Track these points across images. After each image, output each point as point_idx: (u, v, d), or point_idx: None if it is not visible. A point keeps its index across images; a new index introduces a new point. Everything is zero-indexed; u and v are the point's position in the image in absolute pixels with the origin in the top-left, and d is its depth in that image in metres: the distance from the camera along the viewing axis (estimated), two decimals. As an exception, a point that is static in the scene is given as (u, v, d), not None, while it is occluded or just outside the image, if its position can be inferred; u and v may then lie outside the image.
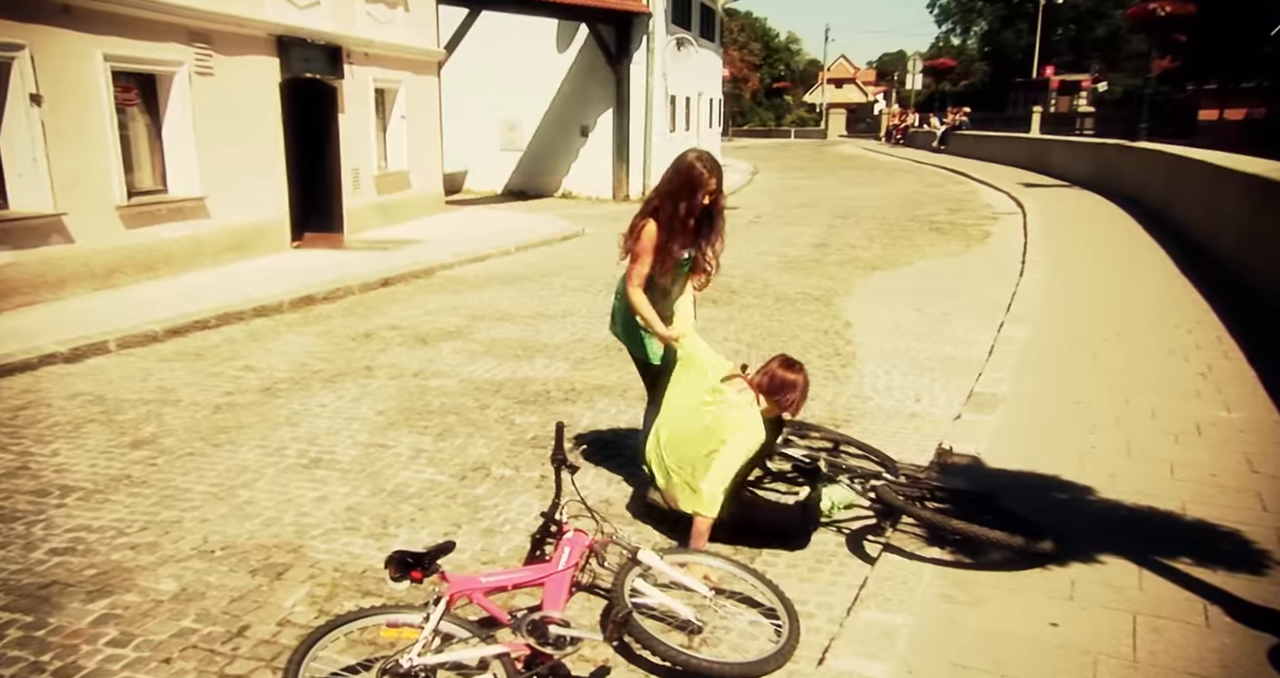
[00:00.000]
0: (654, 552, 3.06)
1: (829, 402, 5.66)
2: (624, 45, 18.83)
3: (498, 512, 4.00)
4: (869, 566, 3.47)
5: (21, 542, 3.60)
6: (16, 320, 7.14)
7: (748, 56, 58.96)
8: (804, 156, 36.36)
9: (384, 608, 2.80)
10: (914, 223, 14.83)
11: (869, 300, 8.80)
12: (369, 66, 12.55)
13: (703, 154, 3.84)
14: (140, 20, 8.54)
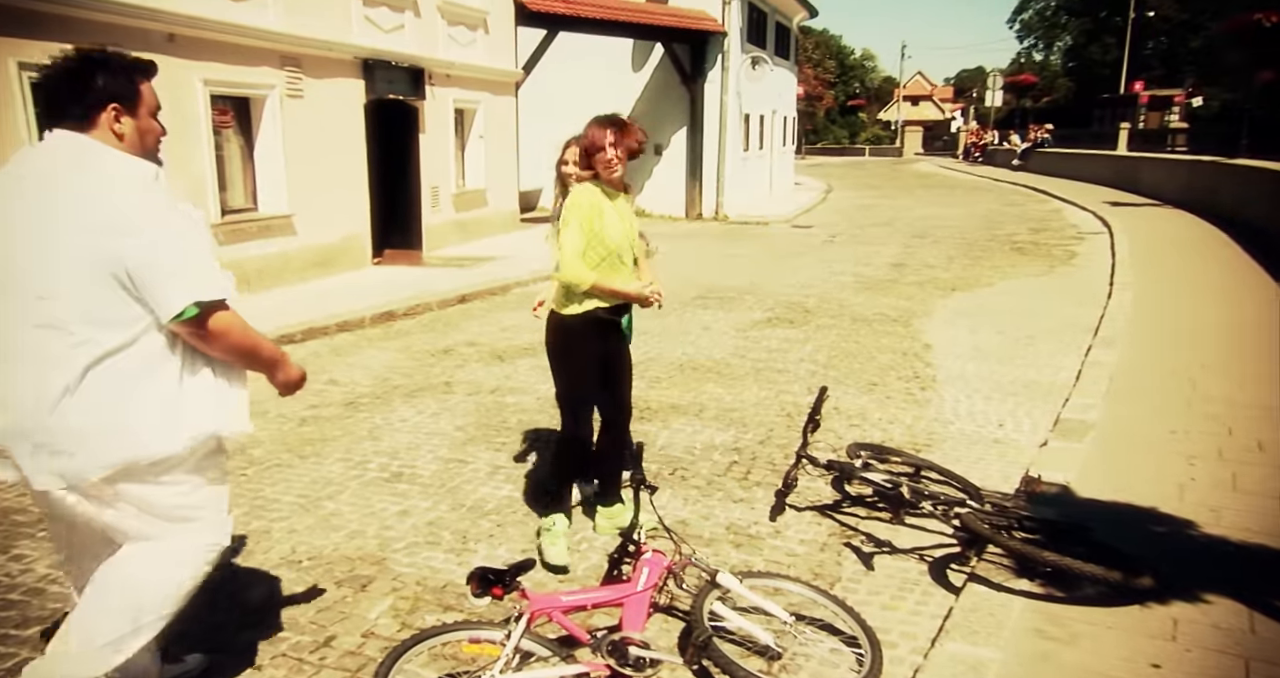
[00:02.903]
0: (733, 575, 3.03)
1: (909, 426, 5.55)
2: (699, 64, 18.93)
3: (576, 530, 4.01)
4: (953, 596, 3.37)
5: (123, 547, 3.75)
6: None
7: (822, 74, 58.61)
8: (879, 175, 35.91)
9: (466, 624, 2.84)
10: (994, 243, 14.49)
11: (949, 322, 8.61)
12: (449, 87, 12.88)
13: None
14: (237, 47, 8.94)
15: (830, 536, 4.01)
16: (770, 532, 4.03)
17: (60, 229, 2.11)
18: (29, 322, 2.14)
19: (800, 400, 6.04)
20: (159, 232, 2.15)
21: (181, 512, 2.35)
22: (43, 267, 2.13)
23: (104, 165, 2.18)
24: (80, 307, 2.13)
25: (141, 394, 2.21)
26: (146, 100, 2.31)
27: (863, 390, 6.31)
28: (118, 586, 2.33)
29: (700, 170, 19.27)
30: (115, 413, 2.18)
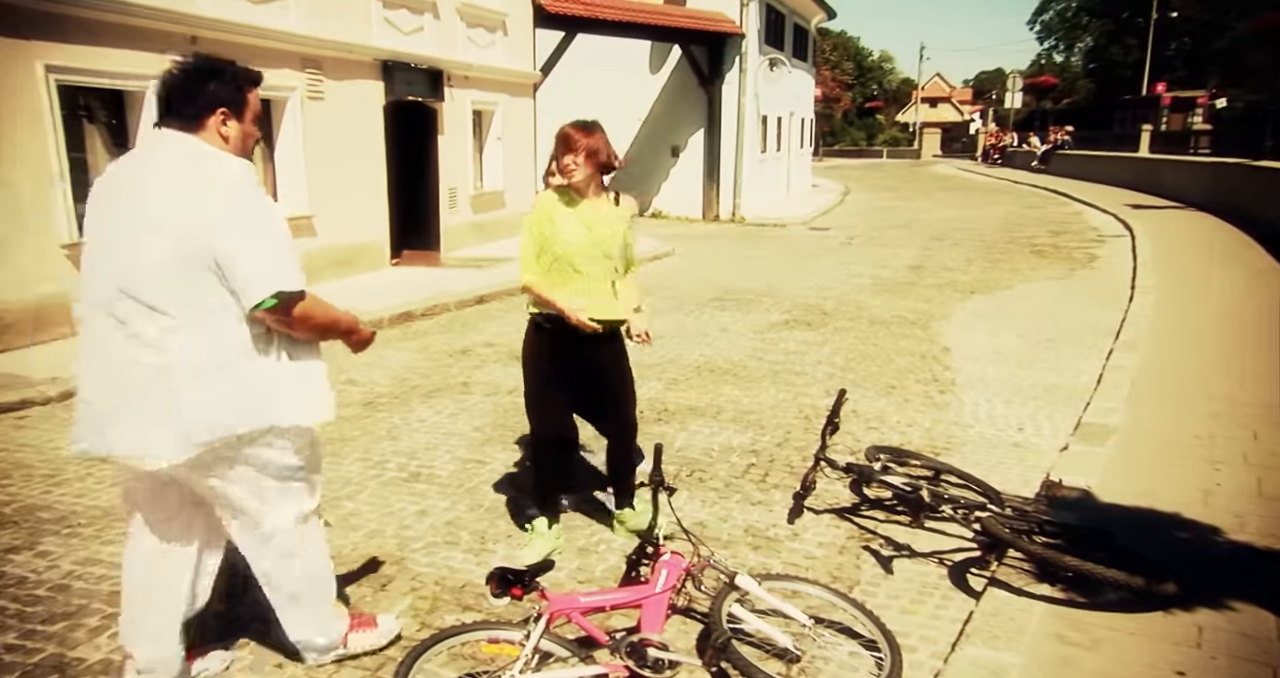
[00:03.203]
0: (752, 577, 3.02)
1: (927, 429, 5.52)
2: (716, 66, 18.92)
3: (593, 531, 4.02)
4: (973, 600, 3.35)
5: (145, 544, 3.79)
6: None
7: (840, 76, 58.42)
8: (897, 177, 35.75)
9: (485, 624, 2.85)
10: (1014, 245, 14.40)
11: (968, 325, 8.56)
12: (468, 89, 12.93)
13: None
14: (259, 49, 9.00)
15: (849, 538, 3.99)
16: (788, 534, 4.02)
17: (162, 219, 2.30)
18: (134, 305, 2.33)
19: (818, 403, 6.02)
20: (249, 227, 2.33)
21: (283, 481, 2.60)
22: (145, 253, 2.31)
23: (207, 164, 2.37)
24: (179, 291, 2.32)
25: (245, 370, 2.42)
26: (251, 107, 2.52)
27: (881, 393, 6.28)
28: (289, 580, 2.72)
29: (717, 172, 19.26)
30: (220, 388, 2.38)
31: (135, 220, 2.33)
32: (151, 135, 2.45)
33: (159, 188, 2.34)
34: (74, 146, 7.45)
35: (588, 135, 3.47)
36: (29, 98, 6.89)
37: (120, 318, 2.35)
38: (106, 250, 2.38)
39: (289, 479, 2.63)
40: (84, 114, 7.78)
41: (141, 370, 2.35)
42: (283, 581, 2.75)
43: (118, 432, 2.38)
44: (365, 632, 2.98)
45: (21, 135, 6.88)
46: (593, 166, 3.48)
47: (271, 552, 2.69)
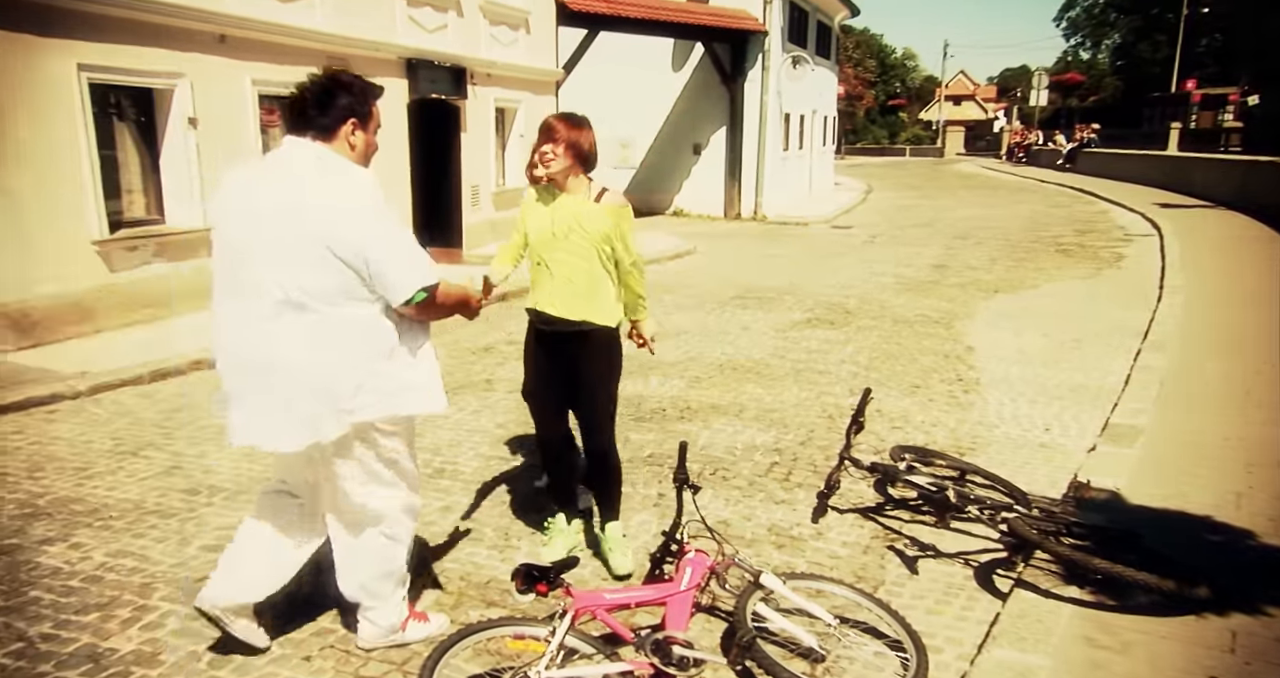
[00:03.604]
0: (777, 576, 3.01)
1: (952, 429, 5.48)
2: (739, 64, 18.86)
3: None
4: (1000, 601, 3.32)
5: (177, 538, 3.84)
6: (168, 328, 7.65)
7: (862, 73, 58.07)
8: (920, 175, 35.51)
9: (511, 620, 2.87)
10: (1039, 244, 14.26)
11: (992, 324, 8.49)
12: (490, 87, 12.96)
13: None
14: (285, 47, 9.07)
15: (873, 538, 3.98)
16: (812, 533, 4.01)
17: (305, 222, 2.47)
18: (281, 301, 2.52)
19: (841, 402, 6.00)
20: (389, 232, 2.54)
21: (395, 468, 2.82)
22: (288, 254, 2.49)
23: (341, 172, 2.58)
24: (318, 287, 2.51)
25: (375, 362, 2.61)
26: (375, 118, 2.74)
27: (905, 393, 6.25)
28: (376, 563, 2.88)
29: (739, 170, 19.20)
30: (353, 378, 2.57)
31: (275, 221, 2.49)
32: (285, 142, 2.63)
33: (301, 193, 2.51)
34: (104, 144, 7.54)
35: (571, 128, 3.36)
36: (62, 96, 6.98)
37: (259, 310, 2.53)
38: (244, 248, 2.54)
39: (400, 467, 2.84)
40: (114, 112, 7.88)
41: (277, 360, 2.54)
42: (376, 563, 2.88)
43: (255, 417, 2.60)
44: (422, 623, 3.07)
45: (54, 133, 6.97)
46: (571, 159, 3.36)
47: (375, 535, 2.85)
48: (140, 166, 8.18)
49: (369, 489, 2.80)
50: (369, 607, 2.93)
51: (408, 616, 3.03)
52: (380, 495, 2.83)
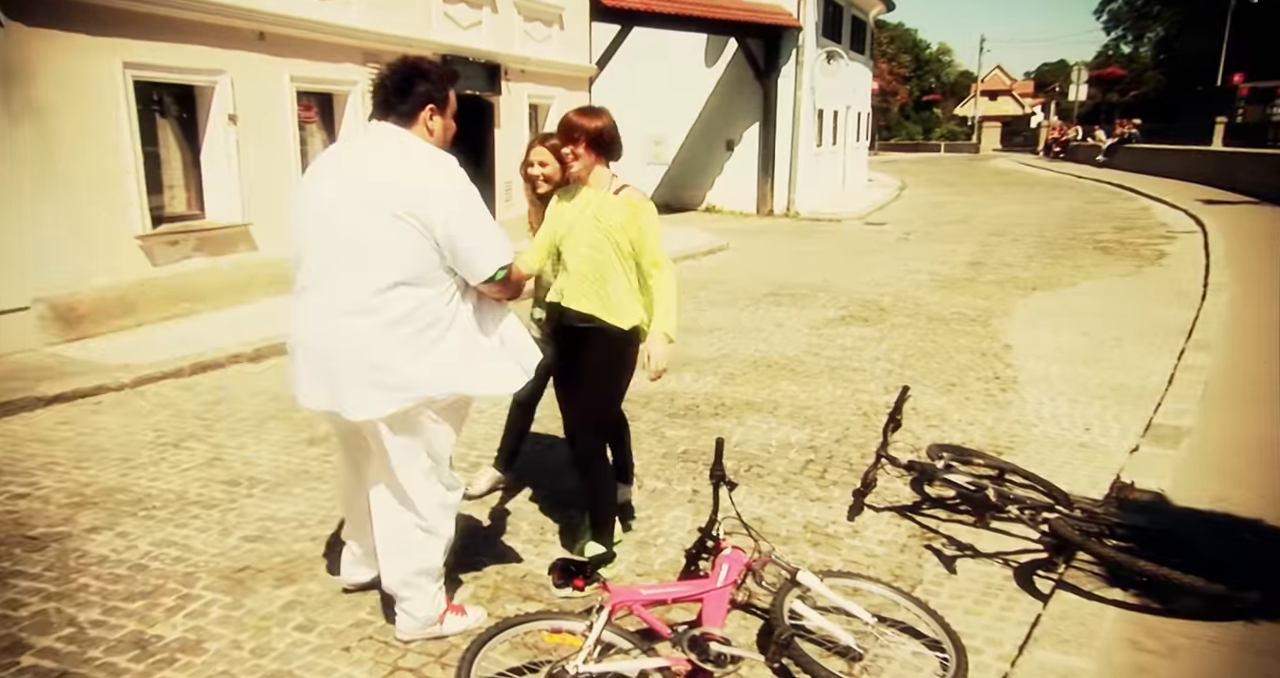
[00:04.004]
0: (814, 574, 2.99)
1: (989, 427, 5.42)
2: (773, 59, 18.75)
3: (651, 524, 4.02)
4: (1040, 603, 3.28)
5: (218, 528, 3.90)
6: (207, 322, 7.77)
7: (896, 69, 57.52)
8: (954, 171, 35.10)
9: (547, 614, 2.87)
10: (1077, 241, 14.04)
11: (1029, 322, 8.38)
12: (524, 83, 13.00)
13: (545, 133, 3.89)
14: (322, 44, 9.17)
15: (910, 537, 3.94)
16: (848, 531, 3.98)
17: (387, 203, 2.57)
18: (372, 278, 2.61)
19: (877, 400, 5.95)
20: (467, 211, 2.65)
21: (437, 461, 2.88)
22: (369, 233, 2.59)
23: (421, 154, 2.68)
24: (409, 264, 2.61)
25: (449, 340, 2.71)
26: (451, 104, 2.82)
27: (941, 391, 6.18)
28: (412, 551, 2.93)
29: (772, 166, 19.10)
30: (427, 354, 2.67)
31: (359, 203, 2.60)
32: (367, 128, 2.76)
33: (385, 175, 2.61)
34: (147, 140, 7.67)
35: (590, 119, 3.27)
36: (109, 93, 7.11)
37: (337, 288, 2.65)
38: (327, 229, 2.64)
39: (441, 461, 2.90)
40: (157, 108, 8.01)
41: (353, 336, 2.64)
42: (413, 556, 2.92)
43: (321, 383, 2.72)
44: (459, 616, 3.09)
45: (101, 129, 7.10)
46: (593, 154, 3.28)
47: (413, 528, 2.90)
48: (181, 162, 8.31)
49: (409, 477, 2.84)
50: (405, 598, 2.96)
51: (445, 608, 3.05)
52: (419, 486, 2.86)
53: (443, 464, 2.93)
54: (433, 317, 2.67)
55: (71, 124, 6.87)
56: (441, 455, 2.91)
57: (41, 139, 6.67)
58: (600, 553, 3.46)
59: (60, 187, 6.83)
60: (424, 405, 2.74)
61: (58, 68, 6.73)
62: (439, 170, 2.65)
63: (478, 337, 2.80)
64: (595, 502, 3.55)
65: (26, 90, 6.54)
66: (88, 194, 7.06)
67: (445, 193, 2.61)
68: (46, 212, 6.74)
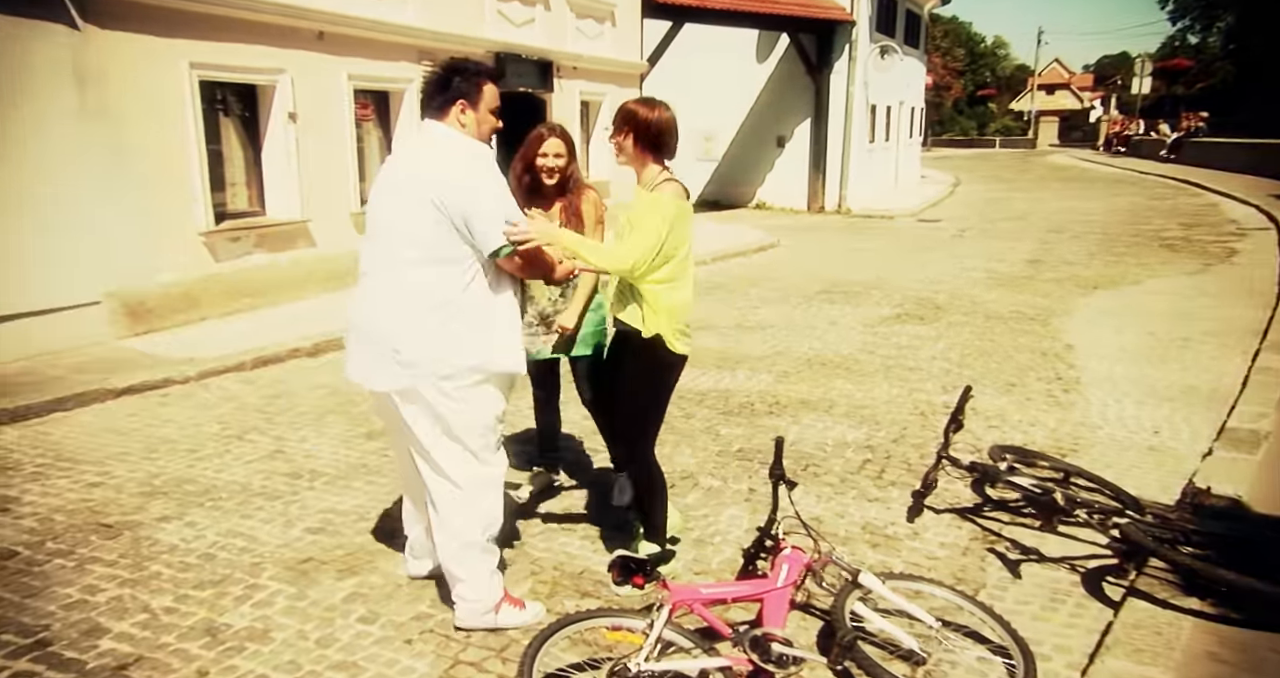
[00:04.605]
0: (875, 575, 2.95)
1: (1052, 429, 5.29)
2: (825, 54, 18.55)
3: (708, 522, 4.00)
4: (1110, 610, 3.19)
5: (282, 519, 3.98)
6: (266, 317, 7.93)
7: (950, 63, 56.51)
8: (1010, 167, 34.39)
9: (608, 611, 2.87)
10: (1140, 239, 13.65)
11: (1092, 321, 8.17)
12: (576, 80, 13.03)
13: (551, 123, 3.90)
14: (379, 42, 9.29)
15: (972, 540, 3.86)
16: (908, 533, 3.92)
17: (418, 190, 2.79)
18: (398, 260, 2.83)
19: (934, 399, 5.85)
20: (481, 192, 2.79)
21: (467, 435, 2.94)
22: (405, 218, 2.82)
23: (448, 145, 2.88)
24: (429, 247, 2.80)
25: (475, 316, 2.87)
26: (486, 100, 2.95)
27: (1000, 391, 6.05)
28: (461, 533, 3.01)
29: (823, 163, 18.90)
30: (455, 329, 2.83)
31: (406, 192, 2.83)
32: (419, 126, 3.00)
33: (422, 166, 2.85)
34: (210, 139, 7.85)
35: (649, 109, 3.19)
36: (176, 93, 7.29)
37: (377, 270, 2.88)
38: (386, 218, 2.88)
39: (471, 435, 2.94)
40: (220, 107, 8.19)
41: (379, 312, 2.86)
42: (456, 531, 3.00)
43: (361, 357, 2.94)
44: (517, 610, 3.11)
45: (168, 129, 7.29)
46: (637, 147, 3.19)
47: (453, 501, 2.98)
48: (243, 160, 8.48)
49: (440, 450, 2.94)
50: (458, 580, 3.01)
51: (501, 599, 3.07)
52: (448, 458, 2.95)
53: (471, 438, 2.95)
54: (445, 297, 2.82)
55: (140, 124, 7.06)
56: (470, 429, 2.94)
57: (112, 139, 6.86)
58: (659, 551, 3.45)
59: (129, 185, 7.02)
60: (436, 382, 2.84)
61: (128, 69, 6.91)
62: (462, 157, 2.85)
63: (489, 319, 2.92)
64: (652, 506, 3.54)
65: (99, 91, 6.73)
66: (155, 192, 7.25)
67: (465, 177, 2.80)
68: (116, 210, 6.93)
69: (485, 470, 3.01)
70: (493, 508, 3.05)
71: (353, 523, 3.94)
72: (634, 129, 3.20)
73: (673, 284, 3.20)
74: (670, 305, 3.20)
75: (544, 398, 4.30)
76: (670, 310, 3.20)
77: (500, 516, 3.08)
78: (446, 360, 2.83)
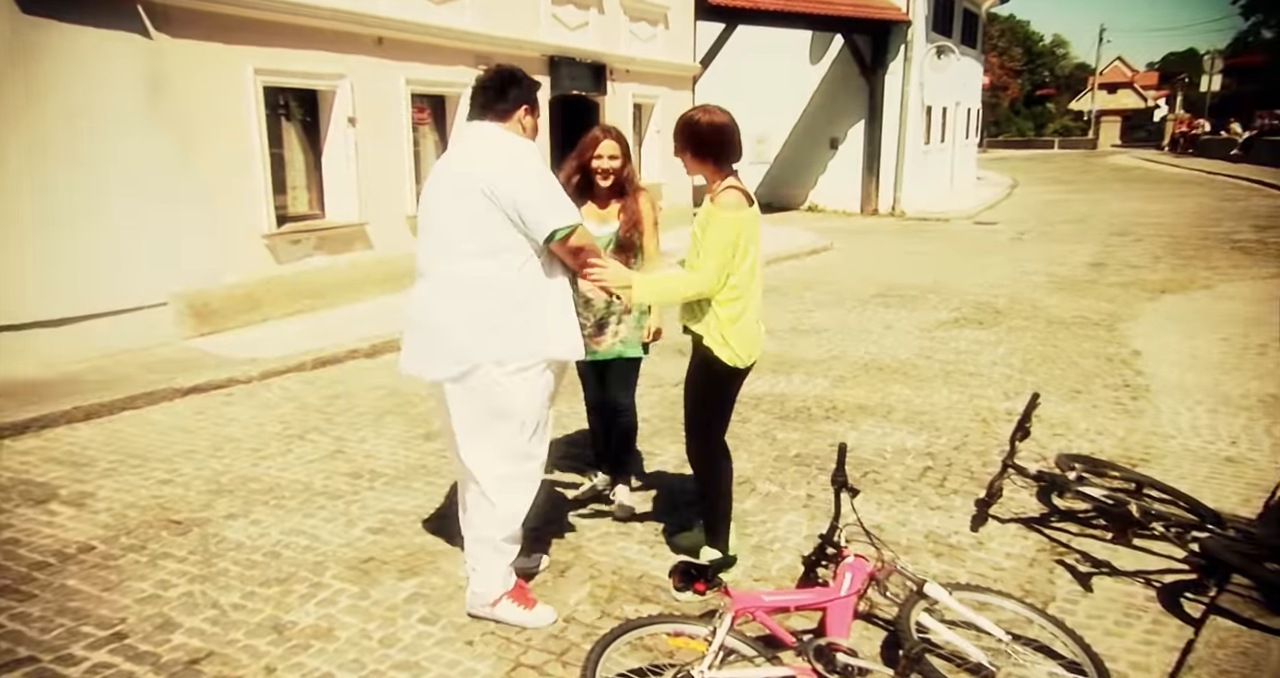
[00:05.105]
0: (942, 586, 2.88)
1: (1121, 438, 5.14)
2: (880, 55, 18.31)
3: (766, 529, 3.96)
4: (1190, 628, 3.07)
5: (344, 519, 4.03)
6: (326, 318, 8.07)
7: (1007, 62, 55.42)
8: (1069, 168, 33.61)
9: (670, 617, 2.84)
10: (1210, 241, 13.22)
11: (1159, 326, 7.92)
12: (629, 83, 13.05)
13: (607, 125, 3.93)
14: (436, 47, 9.40)
15: (1039, 551, 3.76)
16: (972, 543, 3.83)
17: (471, 184, 2.91)
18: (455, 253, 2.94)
19: (996, 406, 5.72)
20: (537, 182, 2.94)
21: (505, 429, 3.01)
22: (460, 212, 2.93)
23: (500, 142, 3.03)
24: (484, 238, 2.91)
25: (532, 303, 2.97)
26: (537, 106, 3.20)
27: (1065, 398, 5.89)
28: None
29: (877, 165, 18.66)
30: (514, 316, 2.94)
31: (460, 188, 2.95)
32: (469, 127, 3.12)
33: (480, 162, 2.96)
34: (272, 143, 8.01)
35: (704, 113, 3.19)
36: (240, 98, 7.46)
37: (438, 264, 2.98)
38: (441, 215, 2.99)
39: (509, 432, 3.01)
40: (282, 112, 8.36)
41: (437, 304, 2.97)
42: (475, 524, 3.11)
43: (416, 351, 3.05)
44: (518, 607, 3.12)
45: (234, 133, 7.46)
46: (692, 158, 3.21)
47: (478, 495, 3.07)
48: (304, 164, 8.65)
49: (473, 442, 3.03)
50: (473, 569, 3.12)
51: (504, 593, 3.10)
52: (478, 454, 3.03)
53: (519, 425, 3.02)
54: (503, 286, 2.93)
55: (206, 129, 7.24)
56: (519, 415, 3.00)
57: (179, 144, 7.04)
58: (721, 557, 3.42)
59: (195, 189, 7.20)
60: (492, 368, 2.93)
61: (196, 76, 7.09)
62: (518, 153, 3.00)
63: (545, 306, 3.02)
64: (707, 506, 3.53)
65: (168, 98, 6.91)
66: (219, 196, 7.42)
67: (518, 169, 2.94)
68: (182, 213, 7.11)
69: (521, 468, 3.08)
70: (515, 512, 3.10)
71: (412, 523, 3.98)
72: (687, 139, 3.22)
73: (737, 299, 3.19)
74: (731, 315, 3.19)
75: (595, 400, 4.29)
76: (731, 320, 3.19)
77: (521, 518, 3.12)
78: (505, 347, 2.93)
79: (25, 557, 3.64)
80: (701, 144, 3.19)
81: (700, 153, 3.21)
